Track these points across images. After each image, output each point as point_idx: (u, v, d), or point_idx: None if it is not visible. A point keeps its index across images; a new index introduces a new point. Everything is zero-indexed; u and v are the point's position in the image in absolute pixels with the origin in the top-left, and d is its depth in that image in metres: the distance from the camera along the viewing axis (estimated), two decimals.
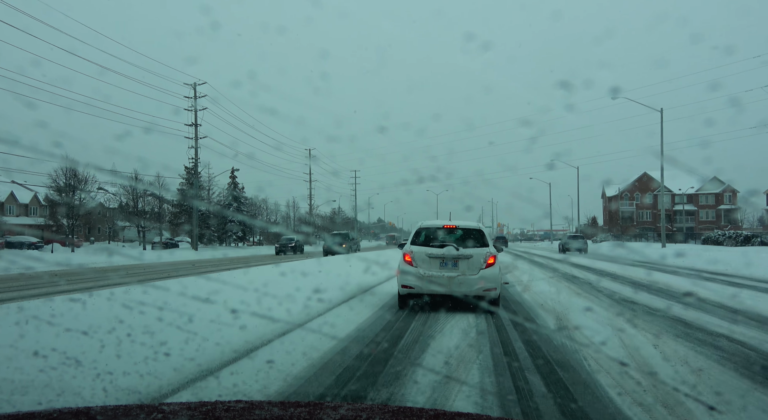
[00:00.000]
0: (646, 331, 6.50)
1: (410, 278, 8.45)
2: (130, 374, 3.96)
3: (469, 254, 8.45)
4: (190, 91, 44.66)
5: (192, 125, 44.57)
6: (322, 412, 1.79)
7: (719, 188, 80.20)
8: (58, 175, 44.91)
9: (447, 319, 7.57)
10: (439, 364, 4.82)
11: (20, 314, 4.93)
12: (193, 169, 45.68)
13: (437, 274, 8.38)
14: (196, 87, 44.23)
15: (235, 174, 59.40)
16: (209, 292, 6.96)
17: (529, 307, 9.05)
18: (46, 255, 33.61)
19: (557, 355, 5.18)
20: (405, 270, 8.56)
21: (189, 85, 44.49)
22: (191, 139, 45.07)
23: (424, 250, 8.62)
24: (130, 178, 47.83)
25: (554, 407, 3.64)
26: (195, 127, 44.54)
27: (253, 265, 16.77)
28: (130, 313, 5.38)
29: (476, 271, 8.36)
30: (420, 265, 8.55)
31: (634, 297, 10.28)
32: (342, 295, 9.71)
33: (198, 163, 44.95)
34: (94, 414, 1.72)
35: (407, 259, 8.67)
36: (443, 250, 8.51)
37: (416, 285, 8.39)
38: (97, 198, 51.77)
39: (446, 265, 8.49)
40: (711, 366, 4.81)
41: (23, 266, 18.77)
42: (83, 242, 54.42)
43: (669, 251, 31.18)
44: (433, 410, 1.92)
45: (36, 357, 3.93)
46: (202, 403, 1.99)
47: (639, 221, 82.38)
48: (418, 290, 8.43)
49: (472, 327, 6.88)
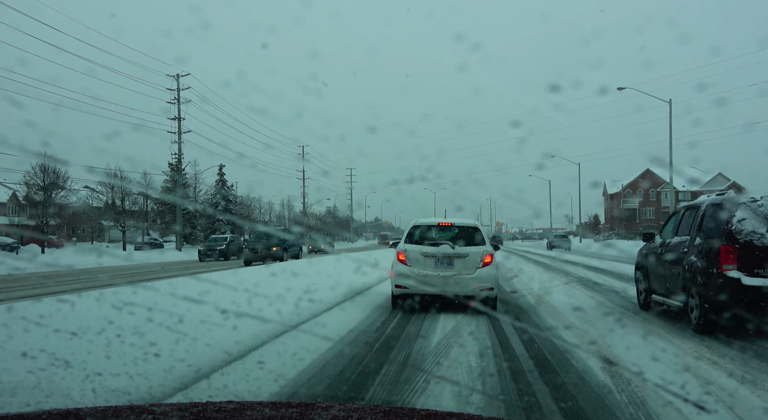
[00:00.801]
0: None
1: (404, 278, 8.43)
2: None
3: (465, 253, 8.45)
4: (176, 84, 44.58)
5: (176, 119, 44.44)
6: (313, 412, 1.82)
7: (724, 185, 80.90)
8: (35, 173, 44.67)
9: (434, 320, 7.68)
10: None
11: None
12: (177, 165, 45.56)
13: (432, 274, 8.37)
14: (179, 78, 44.12)
15: (223, 171, 59.29)
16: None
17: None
18: (9, 258, 32.51)
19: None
20: (399, 269, 8.54)
21: (172, 76, 44.33)
22: (175, 134, 44.93)
23: (419, 249, 8.63)
24: (111, 175, 47.73)
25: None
26: (178, 121, 44.43)
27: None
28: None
29: (473, 270, 8.36)
30: (414, 264, 8.54)
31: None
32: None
33: (182, 158, 44.76)
34: (83, 415, 1.75)
35: (401, 258, 8.66)
36: (438, 249, 8.51)
37: (410, 285, 8.37)
38: (78, 196, 51.47)
39: (441, 264, 8.48)
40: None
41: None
42: (65, 242, 54.25)
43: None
44: (425, 410, 1.96)
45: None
46: (193, 404, 2.03)
47: (642, 219, 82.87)
48: (413, 290, 8.42)
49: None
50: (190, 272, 17.95)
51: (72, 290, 11.42)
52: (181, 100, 45.43)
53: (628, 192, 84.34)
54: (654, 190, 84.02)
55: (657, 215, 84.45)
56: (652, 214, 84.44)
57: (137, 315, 5.50)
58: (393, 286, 8.63)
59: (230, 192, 61.99)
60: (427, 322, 7.47)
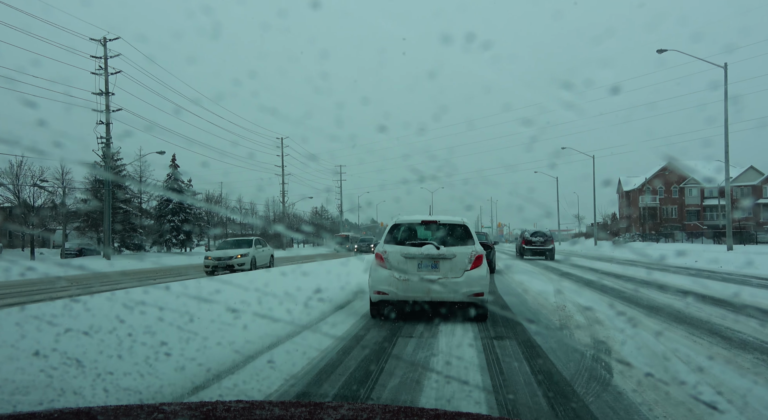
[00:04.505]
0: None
1: (383, 283, 8.12)
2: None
3: (451, 254, 8.18)
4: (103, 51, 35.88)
5: (102, 93, 35.68)
6: (322, 411, 1.93)
7: (757, 179, 72.63)
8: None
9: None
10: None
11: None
12: (104, 153, 36.63)
13: (415, 278, 8.06)
14: (106, 43, 35.37)
15: (176, 162, 50.37)
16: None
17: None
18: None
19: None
20: (377, 273, 8.25)
21: (97, 40, 35.63)
22: (102, 113, 36.17)
23: (400, 250, 8.32)
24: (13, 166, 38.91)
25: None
26: (106, 96, 35.94)
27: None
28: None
29: (460, 273, 8.07)
30: (395, 267, 8.21)
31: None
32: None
33: (110, 143, 35.93)
34: (94, 414, 1.84)
35: (380, 260, 8.34)
36: (422, 250, 8.21)
37: (390, 291, 8.06)
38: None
39: (425, 266, 8.17)
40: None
41: None
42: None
43: (740, 256, 26.20)
44: (434, 410, 2.03)
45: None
46: (203, 403, 2.15)
47: (663, 218, 74.59)
48: (393, 296, 8.11)
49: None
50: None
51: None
52: (110, 70, 36.63)
53: (647, 189, 75.93)
54: (677, 186, 76.52)
55: (680, 214, 76.34)
56: (674, 212, 76.51)
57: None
58: (371, 293, 8.34)
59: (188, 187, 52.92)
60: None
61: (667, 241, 62.07)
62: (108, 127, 37.73)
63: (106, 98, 37.69)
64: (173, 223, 50.96)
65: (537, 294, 12.29)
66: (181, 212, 51.79)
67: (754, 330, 7.62)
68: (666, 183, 79.27)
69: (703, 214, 77.88)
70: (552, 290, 13.16)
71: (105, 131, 37.81)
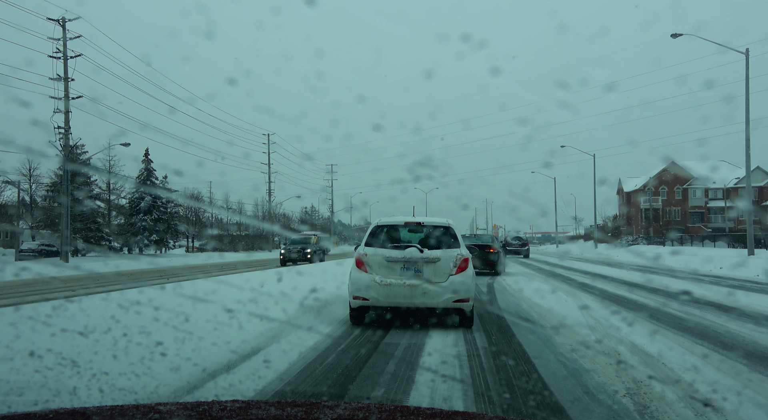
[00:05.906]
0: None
1: (364, 288, 7.93)
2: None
3: (435, 257, 7.99)
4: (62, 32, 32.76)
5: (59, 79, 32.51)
6: (319, 411, 1.93)
7: (764, 180, 70.06)
8: None
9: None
10: None
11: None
12: (64, 144, 33.45)
13: (397, 283, 7.87)
14: (65, 23, 32.23)
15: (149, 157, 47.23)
16: None
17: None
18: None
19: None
20: (357, 278, 8.07)
21: (55, 20, 32.47)
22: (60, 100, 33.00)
23: (382, 253, 8.13)
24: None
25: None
26: (65, 82, 32.91)
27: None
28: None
29: (444, 277, 7.88)
30: (376, 271, 8.03)
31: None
32: None
33: (69, 134, 32.79)
34: (90, 414, 1.84)
35: (360, 264, 8.18)
36: (404, 253, 8.03)
37: (371, 296, 7.86)
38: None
39: (408, 270, 7.96)
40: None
41: None
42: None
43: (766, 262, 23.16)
44: (430, 409, 2.01)
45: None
46: (199, 402, 2.14)
47: (666, 220, 72.01)
48: (374, 302, 7.93)
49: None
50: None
51: None
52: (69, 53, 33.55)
53: (649, 190, 73.34)
54: (680, 187, 74.20)
55: (683, 216, 73.80)
56: (678, 214, 73.97)
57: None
58: (351, 298, 8.18)
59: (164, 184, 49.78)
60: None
61: (674, 244, 59.31)
62: (67, 115, 34.72)
63: (65, 84, 34.63)
64: (146, 222, 47.80)
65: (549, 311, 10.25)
66: (155, 210, 48.63)
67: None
68: (668, 184, 76.66)
69: (708, 216, 75.33)
70: (576, 306, 10.40)
71: (63, 120, 34.73)
